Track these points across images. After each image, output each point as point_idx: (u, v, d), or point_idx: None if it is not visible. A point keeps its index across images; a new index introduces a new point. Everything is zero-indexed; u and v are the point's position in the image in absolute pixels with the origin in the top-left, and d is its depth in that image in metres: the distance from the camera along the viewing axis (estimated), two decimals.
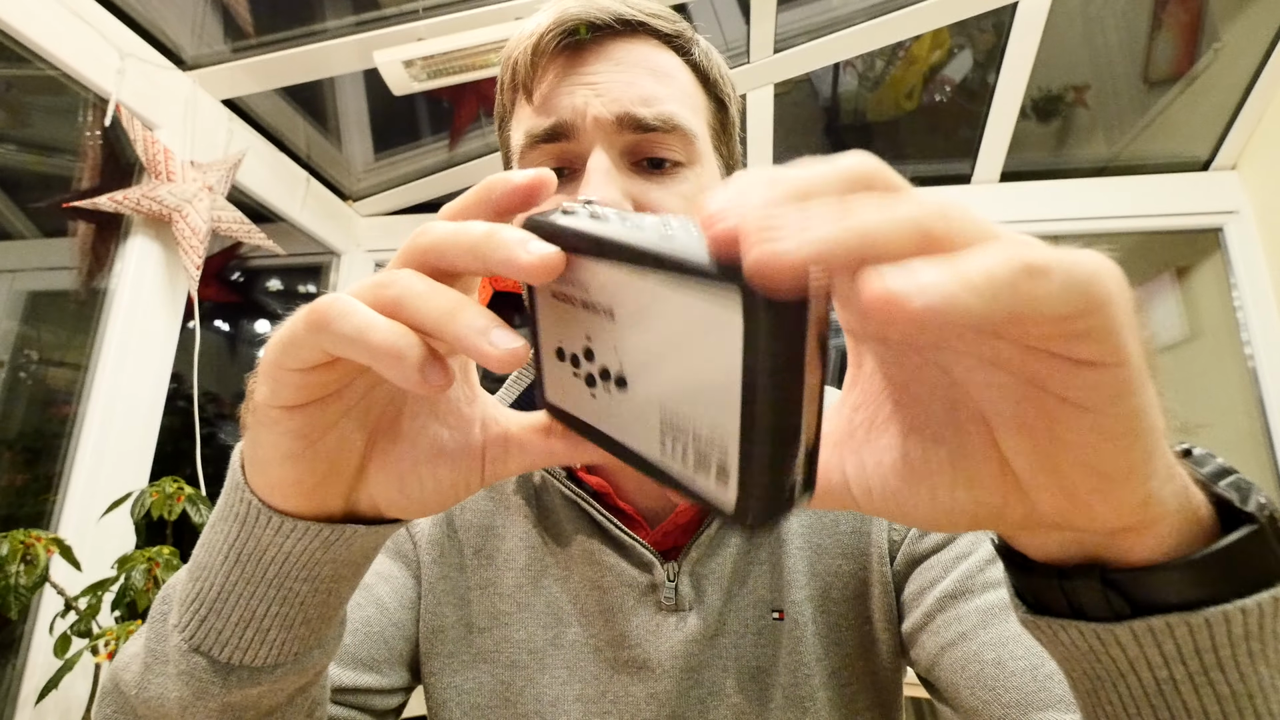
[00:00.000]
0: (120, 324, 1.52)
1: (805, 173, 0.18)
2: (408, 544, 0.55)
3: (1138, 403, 0.18)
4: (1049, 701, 0.39)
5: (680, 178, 0.47)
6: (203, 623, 0.30)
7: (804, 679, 0.49)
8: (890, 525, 0.50)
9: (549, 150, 0.47)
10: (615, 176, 0.45)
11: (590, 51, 0.46)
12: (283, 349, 0.24)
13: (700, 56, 0.50)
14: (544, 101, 0.47)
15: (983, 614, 0.44)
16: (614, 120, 0.45)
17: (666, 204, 0.45)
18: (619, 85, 0.45)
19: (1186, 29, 1.93)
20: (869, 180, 0.18)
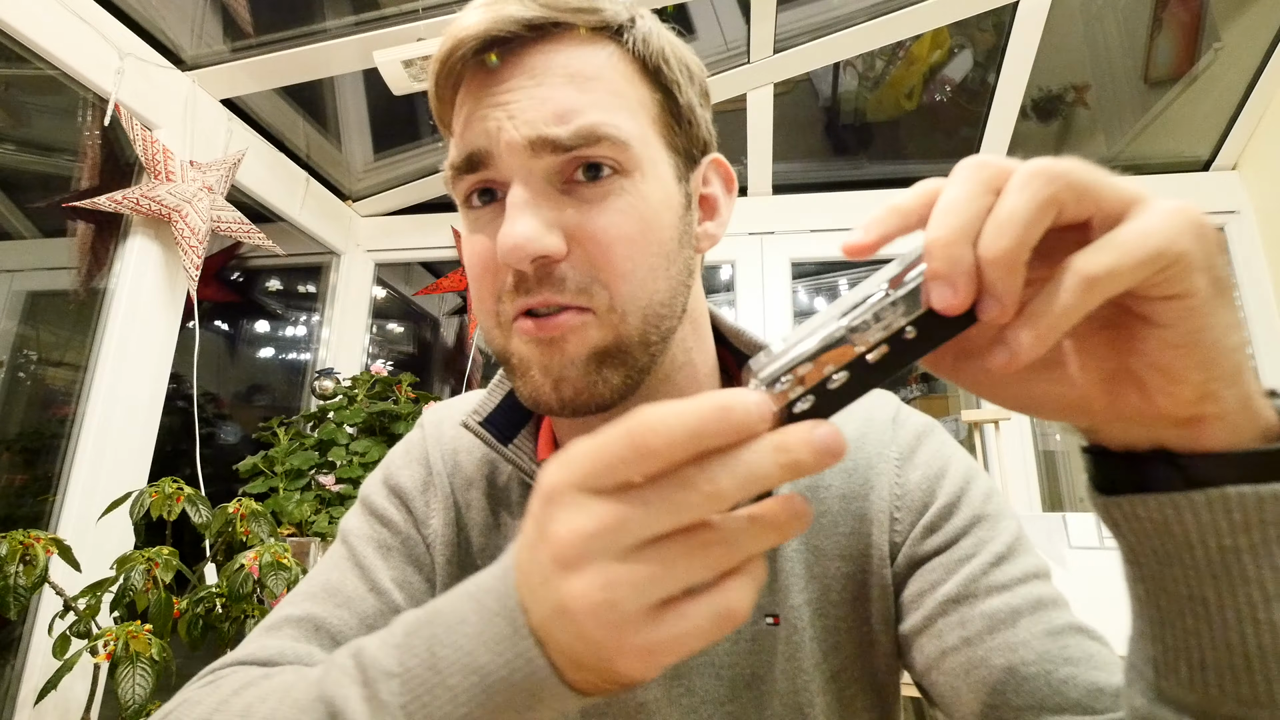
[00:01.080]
0: (120, 324, 1.52)
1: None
2: (420, 547, 0.54)
3: (1200, 321, 0.24)
4: (1064, 706, 0.38)
5: (616, 190, 0.43)
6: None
7: (802, 685, 0.48)
8: (891, 527, 0.49)
9: (473, 180, 0.44)
10: (535, 210, 0.41)
11: (506, 64, 0.43)
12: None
13: (637, 43, 0.45)
14: (461, 128, 0.44)
15: (989, 619, 0.43)
16: (527, 144, 0.41)
17: (603, 227, 0.42)
18: (533, 103, 0.41)
19: (1187, 29, 1.93)
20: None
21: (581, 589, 0.24)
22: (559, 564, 0.25)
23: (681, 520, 0.24)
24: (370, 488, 0.57)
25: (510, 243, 0.40)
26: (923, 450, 0.51)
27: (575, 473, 0.25)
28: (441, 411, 0.60)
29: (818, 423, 0.24)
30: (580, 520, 0.24)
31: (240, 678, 0.39)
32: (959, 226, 0.25)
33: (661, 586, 0.24)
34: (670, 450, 0.24)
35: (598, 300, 0.42)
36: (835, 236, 2.27)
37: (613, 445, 0.24)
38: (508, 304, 0.43)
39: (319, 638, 0.47)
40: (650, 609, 0.24)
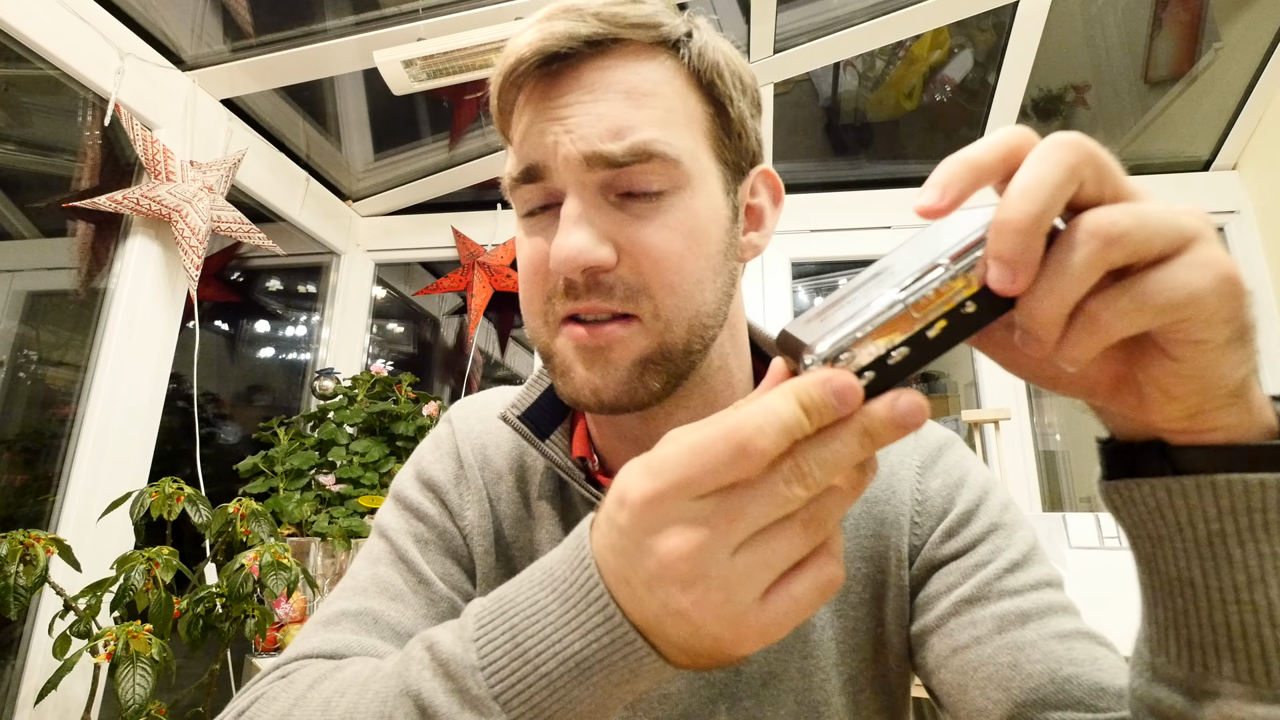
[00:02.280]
0: (120, 324, 1.52)
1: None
2: (458, 539, 0.55)
3: (1211, 360, 0.25)
4: (1067, 703, 0.39)
5: (665, 207, 0.44)
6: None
7: (819, 685, 0.48)
8: (911, 531, 0.50)
9: (531, 190, 0.45)
10: (588, 222, 0.43)
11: (565, 78, 0.44)
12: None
13: (692, 58, 0.46)
14: (521, 140, 0.45)
15: (999, 620, 0.44)
16: (582, 159, 0.42)
17: (652, 241, 0.43)
18: (590, 119, 0.43)
19: (1187, 29, 1.93)
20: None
21: (699, 597, 0.26)
22: (673, 580, 0.26)
23: (784, 512, 0.25)
24: (402, 483, 0.58)
25: (564, 254, 0.42)
26: (943, 460, 0.53)
27: (673, 480, 0.25)
28: (468, 406, 0.61)
29: (897, 395, 0.25)
30: (688, 535, 0.25)
31: (312, 671, 0.40)
32: (1036, 215, 0.24)
33: (770, 574, 0.26)
34: (777, 450, 0.24)
35: (644, 309, 0.44)
36: (835, 236, 2.27)
37: (713, 449, 0.25)
38: (557, 305, 0.45)
39: (378, 630, 0.47)
40: (760, 596, 0.26)
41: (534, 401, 0.54)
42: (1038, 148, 0.25)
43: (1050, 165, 0.24)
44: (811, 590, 0.26)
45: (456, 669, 0.30)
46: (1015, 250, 0.24)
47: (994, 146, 0.26)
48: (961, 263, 0.25)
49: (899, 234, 2.22)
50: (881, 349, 0.25)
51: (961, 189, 0.25)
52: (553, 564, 0.31)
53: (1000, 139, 0.26)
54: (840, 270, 2.36)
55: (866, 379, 0.25)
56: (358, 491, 1.83)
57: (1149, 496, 0.30)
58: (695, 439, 0.25)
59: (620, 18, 0.44)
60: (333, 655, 0.45)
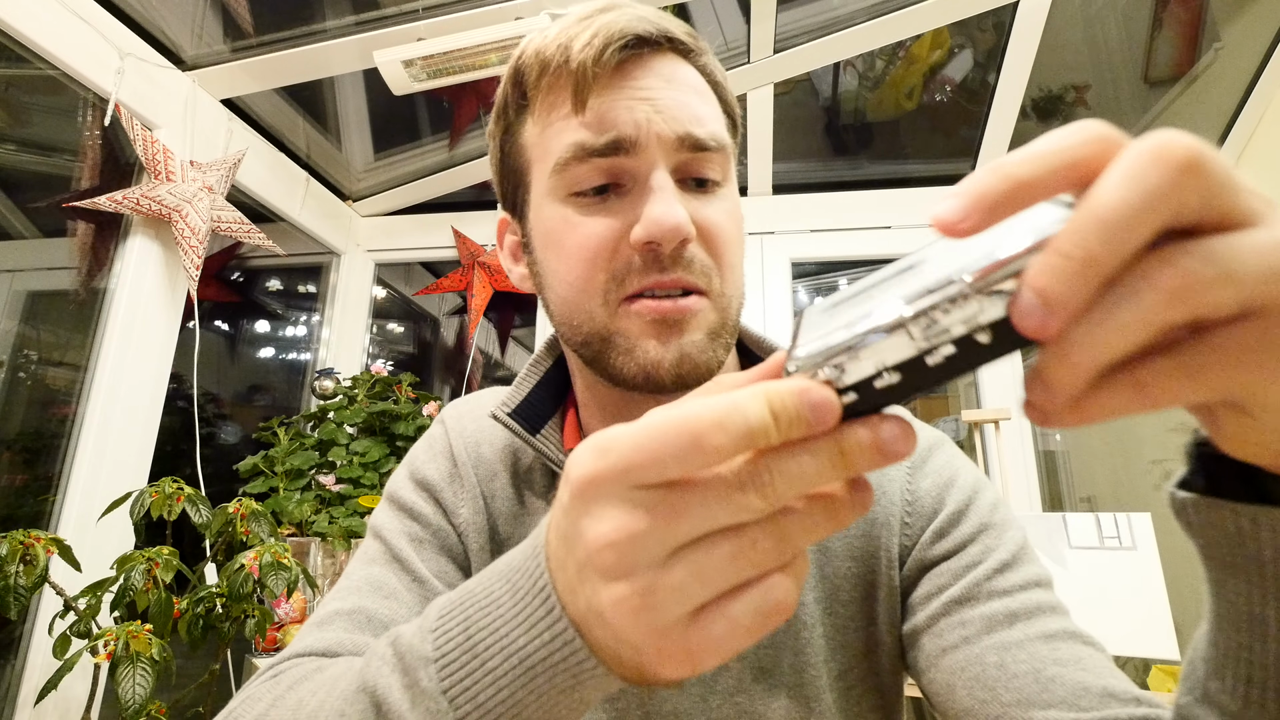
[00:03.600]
0: (120, 324, 1.52)
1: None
2: (452, 537, 0.55)
3: None
4: (1050, 702, 0.39)
5: (720, 195, 0.49)
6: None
7: (810, 680, 0.49)
8: (902, 531, 0.51)
9: (600, 164, 0.46)
10: (678, 195, 0.46)
11: (636, 65, 0.47)
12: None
13: (720, 77, 0.51)
14: (599, 116, 0.46)
15: (987, 620, 0.44)
16: (676, 139, 0.46)
17: (716, 220, 0.47)
18: (675, 104, 0.46)
19: (1187, 29, 1.93)
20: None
21: (619, 596, 0.23)
22: (596, 569, 0.23)
23: (733, 519, 0.23)
24: (397, 484, 0.58)
25: (670, 222, 0.44)
26: (933, 460, 0.53)
27: (616, 465, 0.23)
28: (461, 407, 0.62)
29: (883, 420, 0.22)
30: (621, 522, 0.23)
31: (297, 672, 0.40)
32: (1100, 258, 0.18)
33: (706, 590, 0.23)
34: (733, 450, 0.22)
35: (714, 285, 0.47)
36: (835, 236, 2.27)
37: (663, 438, 0.22)
38: (630, 283, 0.46)
39: (371, 628, 0.48)
40: (692, 613, 0.23)
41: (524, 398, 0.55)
42: (1124, 159, 0.18)
43: (1137, 190, 0.18)
44: (752, 614, 0.23)
45: (412, 661, 0.29)
46: (1062, 294, 0.18)
47: (1050, 155, 0.20)
48: (985, 283, 0.20)
49: (899, 234, 2.22)
50: (870, 369, 0.21)
51: (992, 209, 0.20)
52: (514, 552, 0.29)
53: (1063, 143, 0.20)
54: (840, 270, 2.35)
55: (848, 400, 0.22)
56: (358, 491, 1.84)
57: (1230, 520, 0.26)
58: (652, 422, 0.23)
59: (674, 24, 0.49)
60: (325, 654, 0.45)
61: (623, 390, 0.49)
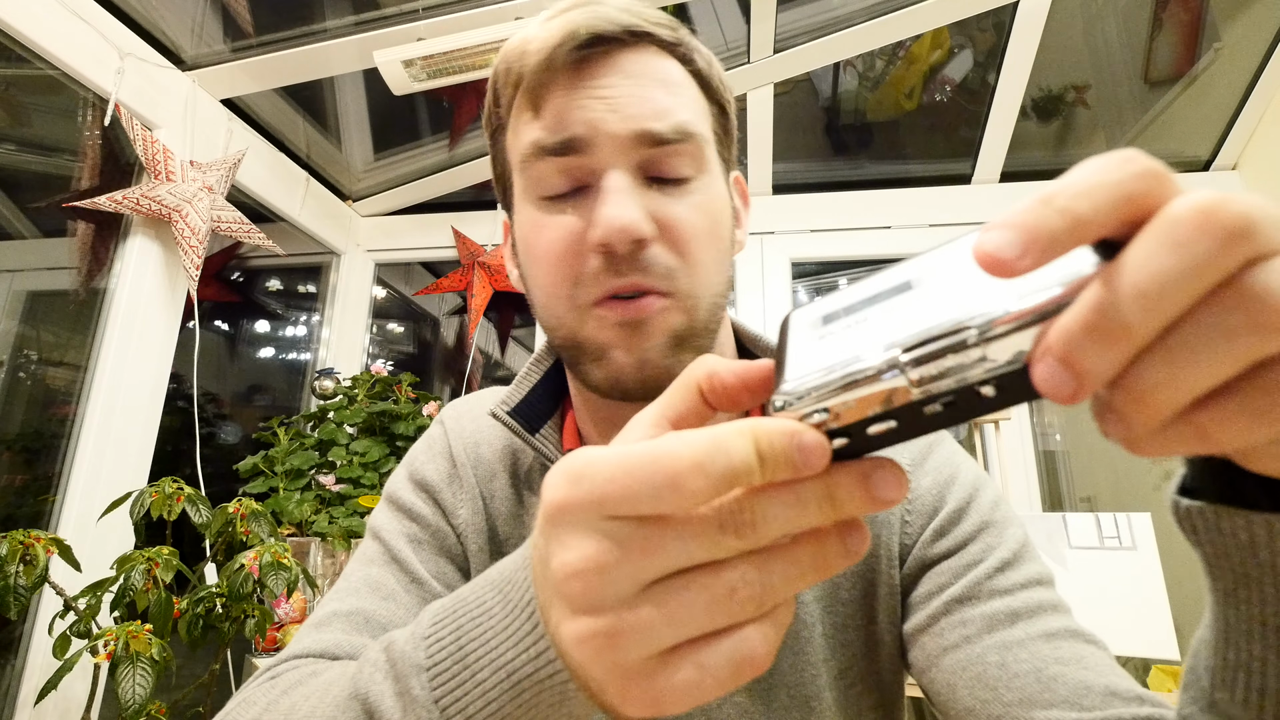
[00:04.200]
0: (120, 324, 1.52)
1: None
2: (451, 538, 0.55)
3: None
4: (1053, 701, 0.39)
5: (692, 189, 0.47)
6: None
7: (810, 679, 0.49)
8: (902, 530, 0.50)
9: (558, 164, 0.46)
10: (635, 194, 0.44)
11: (598, 63, 0.46)
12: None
13: (702, 64, 0.50)
14: (556, 115, 0.45)
15: (988, 619, 0.44)
16: (631, 136, 0.44)
17: (681, 217, 0.46)
18: (633, 100, 0.45)
19: (1187, 29, 1.93)
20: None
21: (582, 631, 0.22)
22: (563, 598, 0.22)
23: (708, 558, 0.21)
24: (396, 485, 0.58)
25: (618, 224, 0.42)
26: (933, 457, 0.53)
27: (589, 494, 0.21)
28: (460, 407, 0.62)
29: (876, 465, 0.21)
30: (589, 552, 0.21)
31: (294, 675, 0.40)
32: (1144, 331, 0.17)
33: (675, 633, 0.21)
34: (712, 494, 0.20)
35: (678, 285, 0.45)
36: (835, 236, 2.27)
37: (639, 474, 0.21)
38: (591, 288, 0.45)
39: (369, 629, 0.47)
40: (660, 655, 0.22)
41: (523, 397, 0.55)
42: (1167, 222, 0.17)
43: (1182, 260, 0.16)
44: (724, 664, 0.21)
45: (404, 669, 0.29)
46: (1093, 368, 0.17)
47: (1107, 191, 0.17)
48: (997, 335, 0.18)
49: (899, 234, 2.22)
50: (863, 414, 0.20)
51: (1049, 249, 0.17)
52: (506, 561, 0.29)
53: (1118, 180, 0.17)
54: (840, 270, 2.35)
55: (839, 444, 0.21)
56: (358, 491, 1.83)
57: (1242, 530, 0.25)
58: (630, 453, 0.21)
59: (646, 16, 0.47)
60: (323, 655, 0.45)
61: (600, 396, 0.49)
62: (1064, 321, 0.17)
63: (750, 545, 0.21)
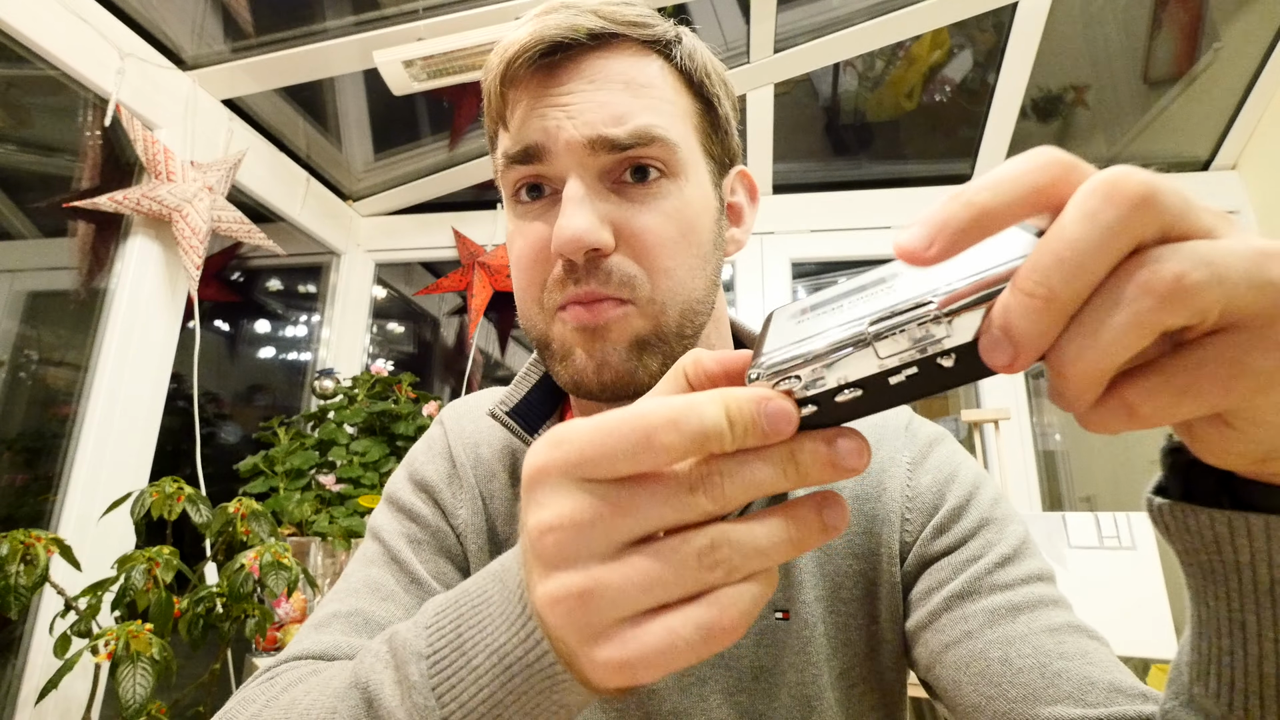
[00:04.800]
0: (120, 324, 1.52)
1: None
2: (451, 538, 0.55)
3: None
4: (1057, 697, 0.39)
5: (662, 193, 0.46)
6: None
7: (811, 679, 0.49)
8: (902, 528, 0.50)
9: (523, 172, 0.46)
10: (590, 204, 0.44)
11: (564, 69, 0.45)
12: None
13: (683, 58, 0.48)
14: (519, 125, 0.46)
15: (990, 614, 0.44)
16: (585, 143, 0.44)
17: (648, 226, 0.45)
18: (591, 105, 0.44)
19: (1186, 29, 1.93)
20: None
21: (555, 589, 0.22)
22: (538, 557, 0.23)
23: (679, 519, 0.22)
24: (396, 485, 0.58)
25: (567, 234, 0.42)
26: (934, 456, 0.53)
27: (567, 456, 0.22)
28: (460, 407, 0.62)
29: (839, 434, 0.22)
30: (565, 509, 0.22)
31: (293, 674, 0.40)
32: (1061, 296, 0.18)
33: (646, 597, 0.22)
34: (683, 451, 0.21)
35: (640, 294, 0.45)
36: (835, 236, 2.27)
37: (617, 432, 0.22)
38: (555, 293, 0.46)
39: (369, 630, 0.48)
40: (630, 619, 0.22)
41: (522, 397, 0.55)
42: (1078, 197, 0.19)
43: (1093, 227, 0.18)
44: (694, 629, 0.22)
45: (404, 656, 0.29)
46: (1027, 332, 0.19)
47: (1012, 183, 0.20)
48: (952, 309, 0.20)
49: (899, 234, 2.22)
50: (831, 383, 0.21)
51: (955, 239, 0.20)
52: (509, 552, 0.29)
53: (1023, 173, 0.20)
54: (840, 270, 2.36)
55: (807, 411, 0.22)
56: (358, 491, 1.84)
57: (1207, 528, 0.26)
58: (608, 416, 0.22)
59: (618, 15, 0.46)
60: (322, 656, 0.45)
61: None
62: (1004, 293, 0.19)
63: (720, 507, 0.22)
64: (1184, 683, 0.31)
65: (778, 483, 0.22)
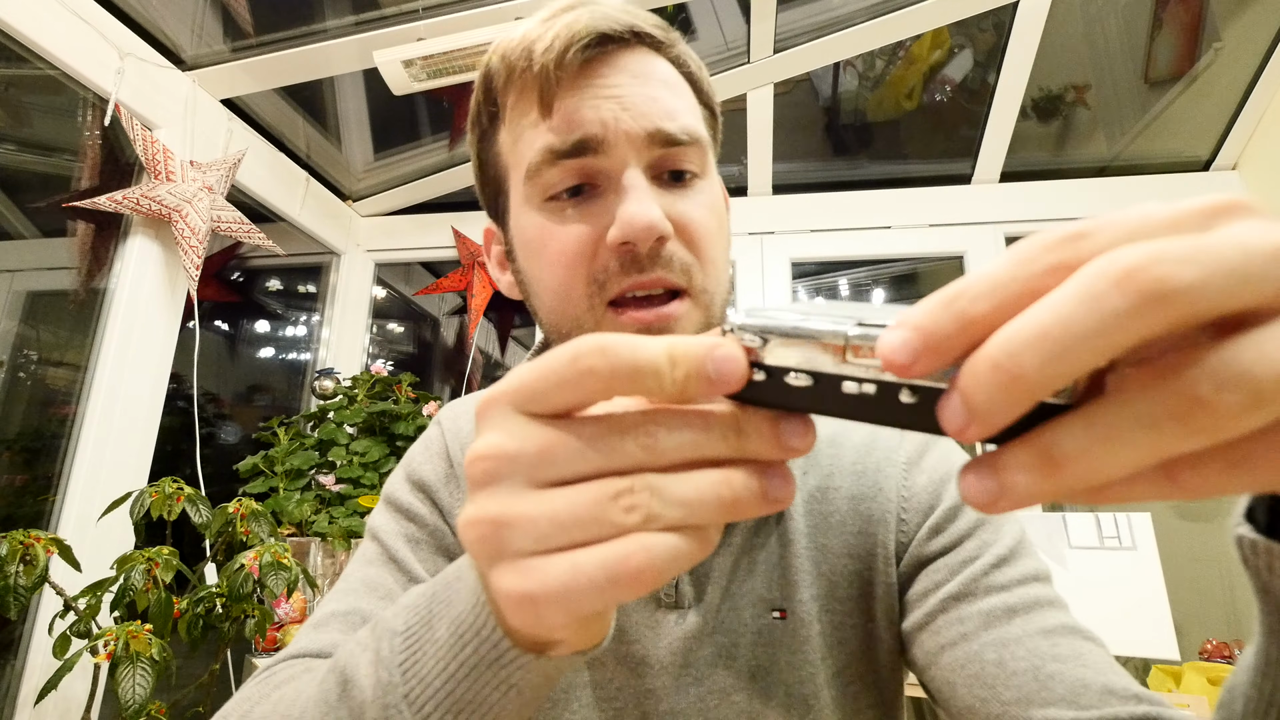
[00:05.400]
0: (120, 324, 1.52)
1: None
2: (449, 537, 0.55)
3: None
4: (1050, 700, 0.39)
5: (698, 189, 0.48)
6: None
7: (807, 678, 0.49)
8: (898, 528, 0.50)
9: (570, 166, 0.46)
10: (653, 192, 0.45)
11: (603, 63, 0.46)
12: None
13: (695, 68, 0.50)
14: (566, 117, 0.45)
15: (985, 616, 0.44)
16: (645, 135, 0.45)
17: (694, 215, 0.47)
18: (643, 99, 0.45)
19: (1187, 29, 1.93)
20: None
21: (470, 514, 0.22)
22: (471, 481, 0.23)
23: (607, 464, 0.21)
24: (394, 485, 0.58)
25: (644, 221, 0.43)
26: (930, 456, 0.53)
27: (511, 388, 0.22)
28: (458, 408, 0.62)
29: (789, 415, 0.21)
30: (496, 439, 0.22)
31: (289, 672, 0.40)
32: (1036, 380, 0.16)
33: (559, 533, 0.21)
34: (609, 374, 0.21)
35: (695, 283, 0.46)
36: (835, 236, 2.27)
37: (558, 361, 0.21)
38: (611, 286, 0.45)
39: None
40: (539, 552, 0.21)
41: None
42: (1085, 271, 0.16)
43: (1089, 314, 0.15)
44: (599, 567, 0.20)
45: (381, 634, 0.29)
46: (984, 408, 0.17)
47: (1009, 287, 0.17)
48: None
49: (899, 234, 2.22)
50: (790, 361, 0.20)
51: (941, 352, 0.17)
52: None
53: (1024, 270, 0.17)
54: (840, 270, 2.36)
55: (756, 376, 0.21)
56: (358, 491, 1.84)
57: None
58: (553, 351, 0.22)
59: (641, 17, 0.47)
60: (319, 655, 0.45)
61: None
62: (972, 359, 0.17)
63: (650, 457, 0.21)
64: (1236, 711, 0.30)
65: (716, 446, 0.21)
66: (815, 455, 0.54)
